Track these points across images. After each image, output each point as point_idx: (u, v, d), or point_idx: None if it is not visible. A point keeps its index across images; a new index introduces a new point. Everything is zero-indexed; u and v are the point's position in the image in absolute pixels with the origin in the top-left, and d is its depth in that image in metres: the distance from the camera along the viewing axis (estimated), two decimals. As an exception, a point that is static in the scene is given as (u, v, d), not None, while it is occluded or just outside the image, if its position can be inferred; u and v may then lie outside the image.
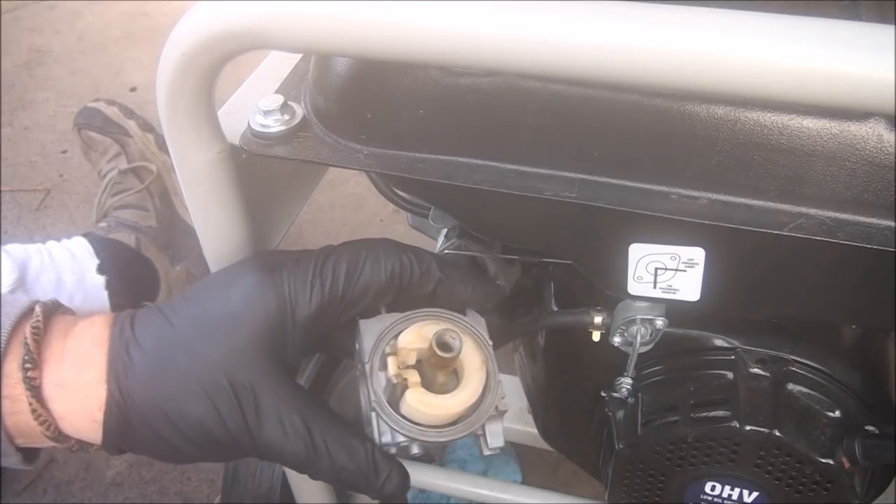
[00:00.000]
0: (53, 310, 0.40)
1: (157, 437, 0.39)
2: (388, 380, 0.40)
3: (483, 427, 0.42)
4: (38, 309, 0.39)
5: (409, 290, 0.42)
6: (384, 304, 0.43)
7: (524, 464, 1.05)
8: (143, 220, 1.11)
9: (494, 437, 0.43)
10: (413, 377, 0.40)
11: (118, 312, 0.40)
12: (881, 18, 0.37)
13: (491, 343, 0.44)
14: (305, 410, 0.40)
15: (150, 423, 0.38)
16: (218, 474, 1.02)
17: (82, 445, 0.40)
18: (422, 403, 0.40)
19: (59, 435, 0.39)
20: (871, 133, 0.36)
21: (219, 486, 0.91)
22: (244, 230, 0.45)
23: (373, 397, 0.40)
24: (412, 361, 0.41)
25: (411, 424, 0.40)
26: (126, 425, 0.38)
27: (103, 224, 1.09)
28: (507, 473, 1.03)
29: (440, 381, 0.41)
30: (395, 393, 0.40)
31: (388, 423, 0.40)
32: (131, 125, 1.18)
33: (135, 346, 0.38)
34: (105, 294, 1.00)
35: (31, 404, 0.37)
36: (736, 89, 0.30)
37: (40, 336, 0.38)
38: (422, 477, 0.80)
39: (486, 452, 0.43)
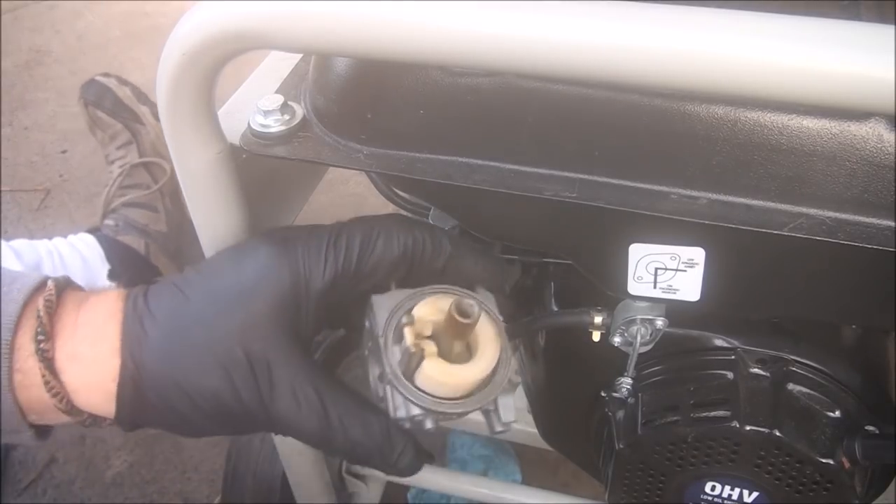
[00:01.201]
0: (66, 285, 0.40)
1: (170, 410, 0.38)
2: (405, 351, 0.39)
3: (496, 401, 0.42)
4: (50, 283, 0.38)
5: (420, 265, 0.42)
6: (395, 279, 0.43)
7: (524, 464, 1.05)
8: (152, 224, 1.09)
9: (507, 411, 0.43)
10: (430, 347, 0.40)
11: (124, 288, 0.40)
12: (881, 18, 0.37)
13: (502, 318, 0.44)
14: (319, 383, 0.39)
15: (164, 395, 0.38)
16: (218, 474, 1.02)
17: (95, 419, 0.39)
18: (440, 373, 0.39)
19: (71, 408, 0.38)
20: (871, 133, 0.36)
21: (219, 486, 0.91)
22: (244, 230, 0.45)
23: (388, 370, 0.40)
24: (428, 332, 0.40)
25: (428, 396, 0.40)
26: (140, 398, 0.38)
27: (110, 221, 1.08)
28: (507, 473, 1.03)
29: (456, 351, 0.41)
30: (411, 364, 0.40)
31: (403, 395, 0.40)
32: (144, 111, 1.15)
33: (149, 318, 0.38)
34: None
35: (43, 376, 0.37)
36: (736, 89, 0.30)
37: (53, 309, 0.37)
38: (422, 477, 0.80)
39: (498, 429, 0.43)
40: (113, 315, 0.38)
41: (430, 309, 0.41)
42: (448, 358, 0.40)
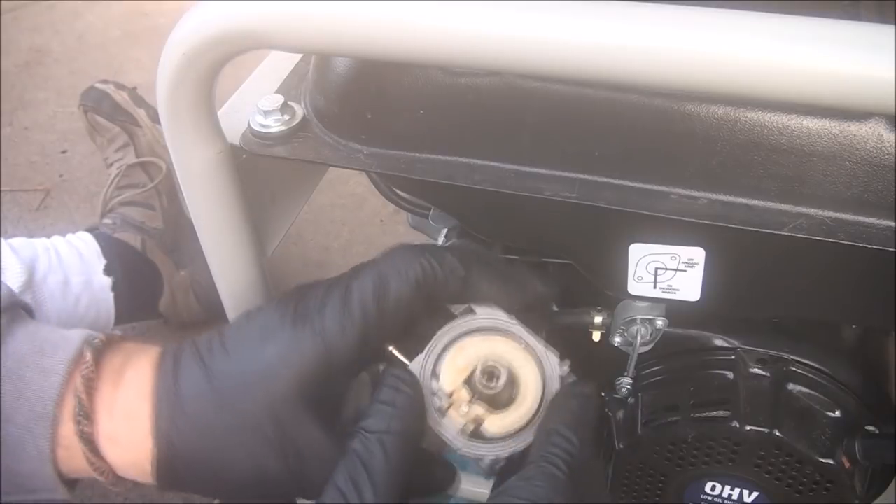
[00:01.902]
0: (102, 350, 0.40)
1: (205, 485, 0.41)
2: (462, 429, 0.40)
3: None
4: (88, 356, 0.39)
5: (436, 293, 0.41)
6: (417, 309, 0.42)
7: (524, 464, 1.05)
8: (149, 221, 1.10)
9: None
10: (479, 410, 0.40)
11: (162, 353, 0.41)
12: (881, 18, 0.37)
13: (541, 335, 0.42)
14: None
15: (198, 475, 0.40)
16: (218, 474, 1.02)
17: (138, 484, 0.41)
18: (502, 428, 0.40)
19: (116, 480, 0.40)
20: (871, 133, 0.36)
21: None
22: (244, 230, 0.45)
23: (453, 446, 0.41)
24: (467, 397, 0.40)
25: (494, 445, 0.40)
26: (176, 475, 0.40)
27: (108, 220, 1.09)
28: (507, 473, 1.03)
29: (503, 396, 0.41)
30: (467, 432, 0.40)
31: (474, 455, 0.41)
32: (141, 114, 1.16)
33: (179, 402, 0.39)
34: (111, 296, 1.00)
35: (87, 457, 0.38)
36: (736, 89, 0.30)
37: (92, 387, 0.39)
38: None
39: None
40: (146, 396, 0.39)
41: (453, 373, 0.40)
42: (495, 402, 0.40)
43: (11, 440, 0.38)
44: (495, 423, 0.40)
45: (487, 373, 0.39)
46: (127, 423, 0.39)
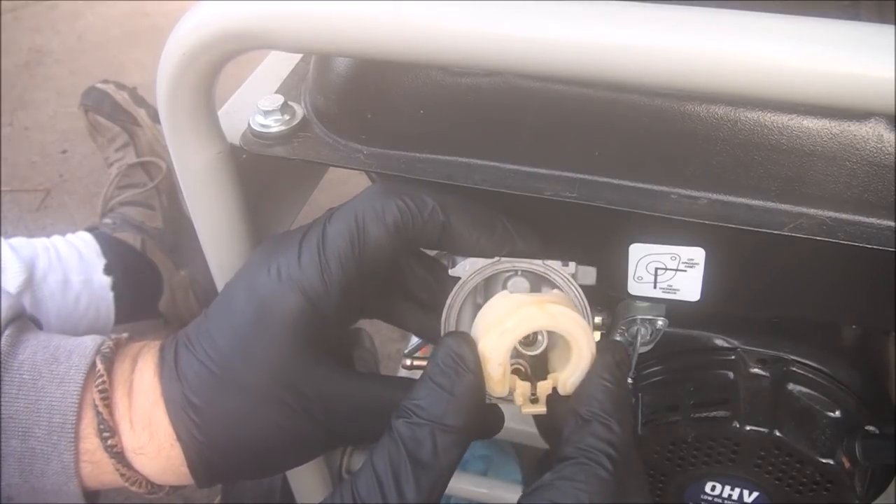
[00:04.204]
0: (112, 359, 0.40)
1: (250, 470, 0.40)
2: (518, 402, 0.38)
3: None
4: (100, 366, 0.38)
5: (414, 240, 0.39)
6: (395, 255, 0.40)
7: (524, 464, 1.05)
8: (149, 220, 1.10)
9: None
10: (548, 387, 0.37)
11: (161, 353, 0.40)
12: (881, 18, 0.37)
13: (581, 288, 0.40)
14: (362, 383, 0.40)
15: (237, 462, 0.39)
16: (218, 474, 1.02)
17: (177, 487, 0.41)
18: (569, 387, 0.37)
19: (152, 488, 0.40)
20: (871, 133, 0.36)
21: (219, 486, 0.91)
22: (244, 230, 0.45)
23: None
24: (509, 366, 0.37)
25: None
26: (212, 469, 0.39)
27: (108, 220, 1.09)
28: (507, 473, 1.03)
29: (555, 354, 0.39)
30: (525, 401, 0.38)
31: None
32: (141, 114, 1.17)
33: (187, 399, 0.38)
34: (111, 295, 1.00)
35: (118, 470, 0.38)
36: (736, 89, 0.30)
37: (109, 399, 0.38)
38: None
39: None
40: (157, 402, 0.39)
41: (499, 342, 0.37)
42: (556, 363, 0.38)
43: (33, 456, 0.37)
44: (562, 384, 0.37)
45: (528, 342, 0.38)
46: (149, 432, 0.38)
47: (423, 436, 0.34)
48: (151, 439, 0.38)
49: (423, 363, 0.41)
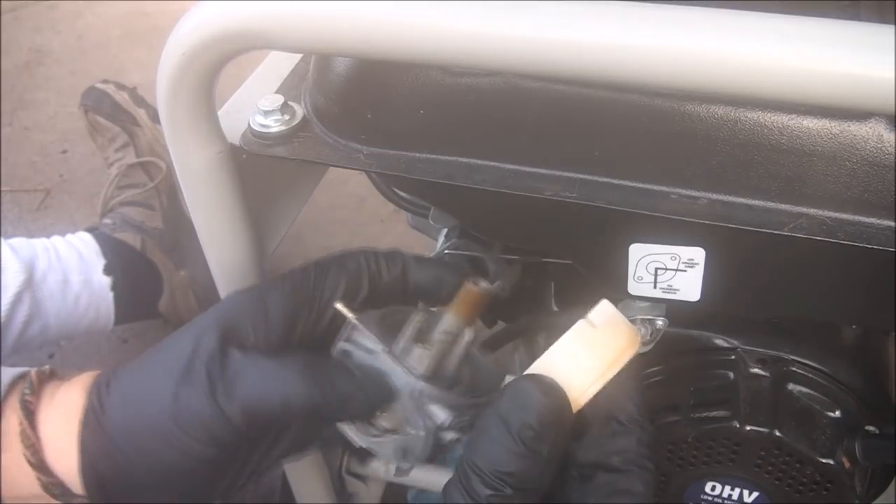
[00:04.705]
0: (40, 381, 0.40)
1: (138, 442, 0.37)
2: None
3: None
4: (31, 378, 0.39)
5: (381, 287, 0.40)
6: (360, 301, 0.40)
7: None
8: (149, 220, 1.10)
9: None
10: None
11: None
12: (881, 18, 0.37)
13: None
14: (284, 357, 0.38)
15: (127, 423, 0.37)
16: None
17: (65, 492, 0.38)
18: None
19: (42, 465, 0.38)
20: (871, 133, 0.36)
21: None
22: (244, 230, 0.45)
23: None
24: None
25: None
26: (102, 436, 0.37)
27: (108, 220, 1.09)
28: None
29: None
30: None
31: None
32: (141, 114, 1.17)
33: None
34: (111, 295, 1.00)
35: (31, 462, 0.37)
36: (736, 89, 0.30)
37: (32, 410, 0.39)
38: (422, 477, 0.79)
39: None
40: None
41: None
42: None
43: None
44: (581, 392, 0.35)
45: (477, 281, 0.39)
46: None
47: None
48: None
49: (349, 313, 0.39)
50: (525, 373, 0.36)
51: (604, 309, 0.37)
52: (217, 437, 0.36)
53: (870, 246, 0.36)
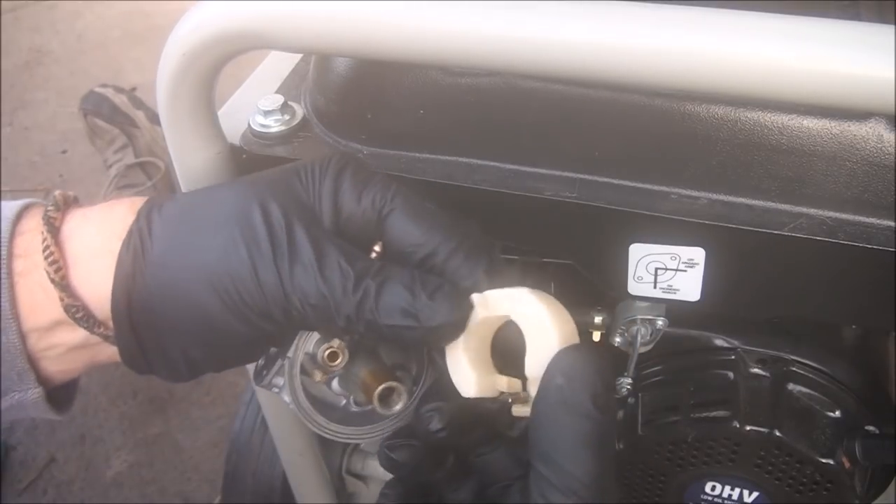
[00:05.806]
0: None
1: (176, 297, 0.34)
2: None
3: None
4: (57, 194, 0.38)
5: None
6: None
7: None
8: None
9: None
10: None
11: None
12: (881, 18, 0.37)
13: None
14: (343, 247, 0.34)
15: (169, 262, 0.34)
16: (218, 474, 1.02)
17: (89, 318, 0.35)
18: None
19: (65, 284, 0.34)
20: (871, 133, 0.36)
21: (219, 486, 0.92)
22: (244, 230, 0.45)
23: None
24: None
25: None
26: (140, 271, 0.34)
27: None
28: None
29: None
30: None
31: None
32: (139, 116, 1.18)
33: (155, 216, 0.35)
34: None
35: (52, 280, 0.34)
36: (736, 89, 0.30)
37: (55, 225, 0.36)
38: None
39: None
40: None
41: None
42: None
43: None
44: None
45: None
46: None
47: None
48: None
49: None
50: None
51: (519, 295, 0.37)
52: (269, 313, 0.33)
53: (870, 246, 0.36)
